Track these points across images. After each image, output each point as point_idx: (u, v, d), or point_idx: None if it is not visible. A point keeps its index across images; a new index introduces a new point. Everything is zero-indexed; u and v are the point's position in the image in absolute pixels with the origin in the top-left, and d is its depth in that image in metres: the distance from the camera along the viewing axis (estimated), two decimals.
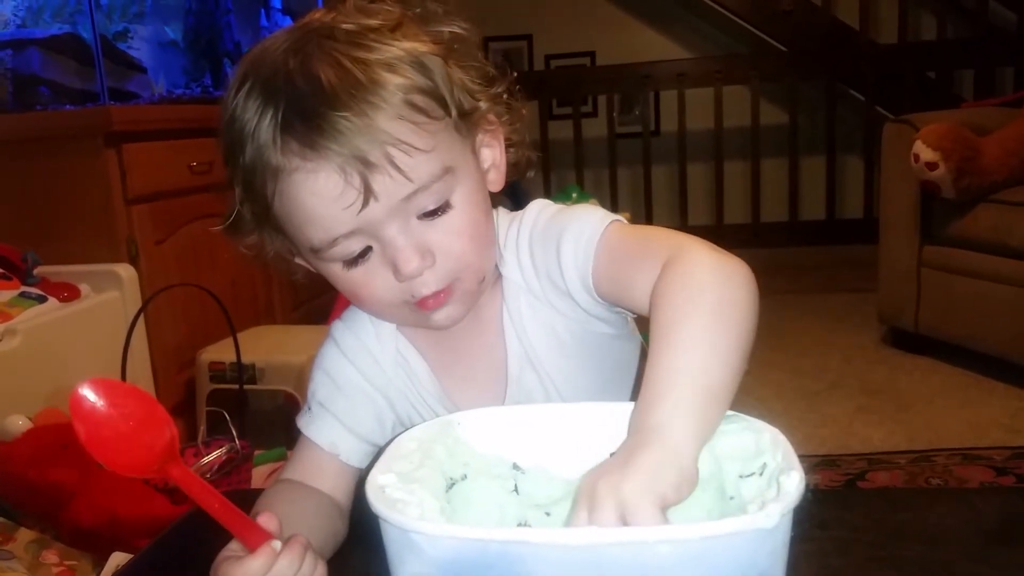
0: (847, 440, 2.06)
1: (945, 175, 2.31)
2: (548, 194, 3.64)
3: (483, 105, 0.68)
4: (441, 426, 0.55)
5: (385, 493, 0.45)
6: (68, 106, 2.16)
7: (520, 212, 0.75)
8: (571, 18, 4.41)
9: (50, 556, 1.39)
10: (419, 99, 0.62)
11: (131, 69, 2.33)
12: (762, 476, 0.46)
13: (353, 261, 0.65)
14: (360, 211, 0.61)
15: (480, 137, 0.70)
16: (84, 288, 1.97)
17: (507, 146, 0.74)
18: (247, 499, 0.87)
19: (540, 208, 0.74)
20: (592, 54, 4.40)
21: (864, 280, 2.99)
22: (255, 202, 0.66)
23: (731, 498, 0.48)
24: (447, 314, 0.69)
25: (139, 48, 2.35)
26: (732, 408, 0.51)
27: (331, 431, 0.74)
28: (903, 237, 2.57)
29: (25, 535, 1.41)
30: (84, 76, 2.18)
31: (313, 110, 0.60)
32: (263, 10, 3.06)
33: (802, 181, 3.96)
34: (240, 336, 2.10)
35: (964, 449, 1.95)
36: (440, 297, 0.67)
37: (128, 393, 0.49)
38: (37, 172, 2.10)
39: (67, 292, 1.92)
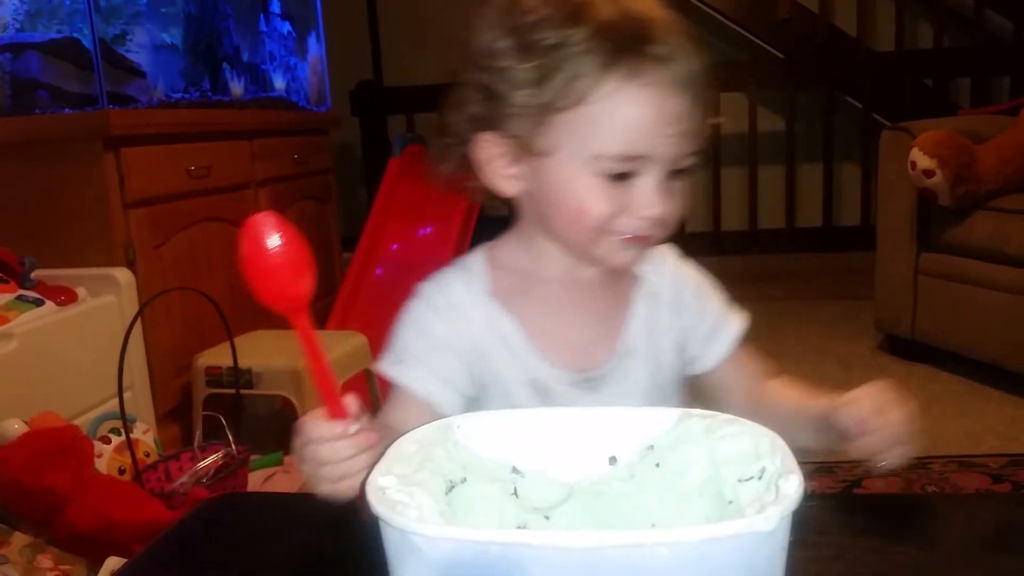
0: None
1: (942, 182, 2.32)
2: None
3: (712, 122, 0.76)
4: (441, 429, 0.55)
5: (385, 495, 0.45)
6: (67, 110, 2.16)
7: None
8: None
9: (45, 560, 1.39)
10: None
11: (130, 73, 2.32)
12: (761, 480, 0.46)
13: (614, 179, 0.71)
14: (673, 144, 0.70)
15: None
16: (81, 292, 1.97)
17: None
18: (245, 503, 0.87)
19: (681, 255, 0.86)
20: None
21: (861, 287, 2.99)
22: (559, 96, 0.69)
23: (730, 502, 0.48)
24: (635, 256, 0.76)
25: (138, 52, 2.34)
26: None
27: (426, 382, 0.77)
28: (900, 244, 2.58)
29: (20, 539, 1.41)
30: (83, 80, 2.17)
31: (676, 40, 0.70)
32: (262, 15, 3.07)
33: (799, 188, 3.97)
34: (237, 341, 2.10)
35: (960, 456, 1.95)
36: (640, 240, 0.74)
37: (293, 237, 0.54)
38: (35, 176, 2.09)
39: (64, 296, 1.91)
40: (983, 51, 3.76)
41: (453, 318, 0.78)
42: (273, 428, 2.24)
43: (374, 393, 2.44)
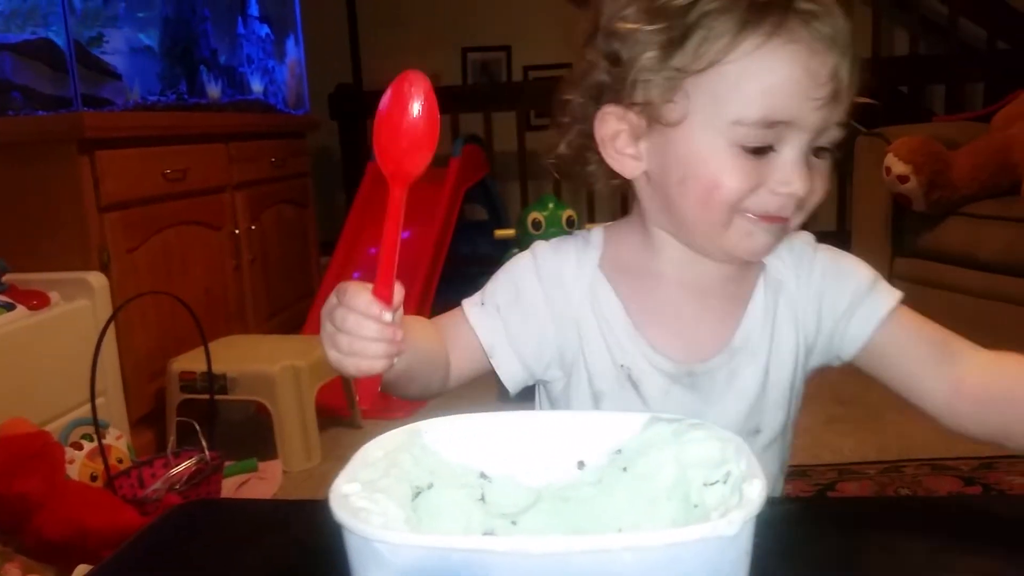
0: (818, 450, 2.07)
1: (916, 188, 2.34)
2: (525, 203, 3.65)
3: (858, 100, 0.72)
4: (408, 434, 0.55)
5: (349, 502, 0.45)
6: (40, 112, 2.14)
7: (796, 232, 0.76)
8: (549, 30, 4.43)
9: (13, 570, 1.37)
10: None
11: (105, 75, 2.30)
12: (726, 484, 0.46)
13: (752, 151, 0.66)
14: (820, 107, 0.64)
15: None
16: (54, 296, 1.95)
17: None
18: (216, 509, 0.86)
19: (814, 239, 0.79)
20: (570, 66, 4.43)
21: None
22: (695, 57, 0.65)
23: (696, 506, 0.48)
24: (770, 242, 0.70)
25: (113, 55, 2.32)
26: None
27: (495, 335, 0.76)
28: (875, 249, 2.60)
29: None
30: (57, 82, 2.15)
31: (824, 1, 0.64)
32: (240, 17, 3.05)
33: None
34: (212, 346, 2.08)
35: (933, 459, 1.97)
36: (775, 220, 0.69)
37: (433, 111, 0.55)
38: (8, 178, 2.07)
39: (36, 300, 1.89)
40: (957, 59, 3.80)
41: (554, 284, 0.76)
42: (248, 434, 2.23)
43: (351, 398, 2.43)
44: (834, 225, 3.93)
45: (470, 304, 0.78)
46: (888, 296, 0.75)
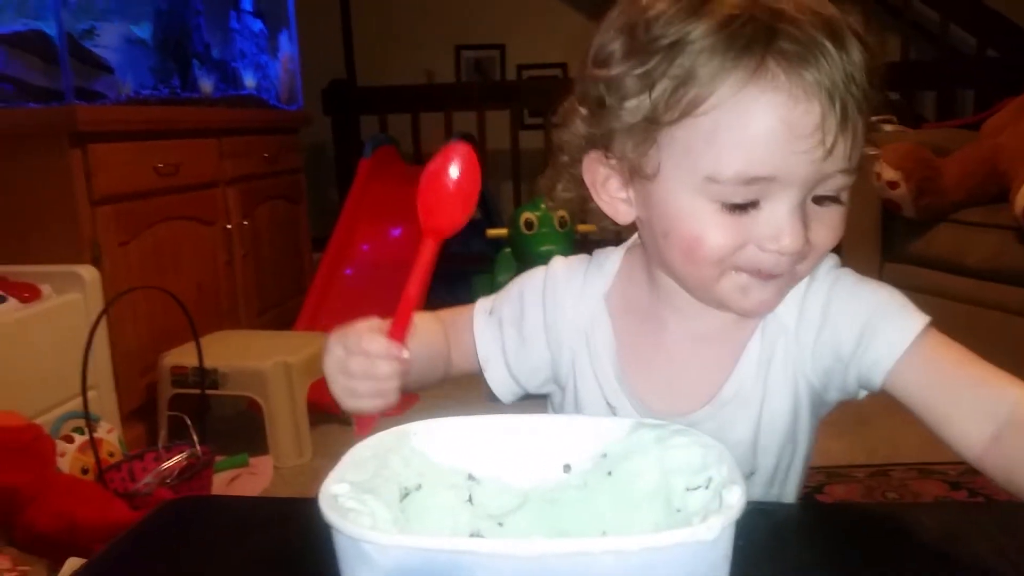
0: None
1: (906, 194, 2.36)
2: (517, 203, 3.65)
3: (887, 127, 0.65)
4: (398, 436, 0.56)
5: (338, 502, 0.46)
6: (32, 104, 2.14)
7: None
8: (544, 29, 4.44)
9: (3, 561, 1.37)
10: (870, 80, 0.59)
11: (98, 69, 2.30)
12: (708, 489, 0.47)
13: (734, 208, 0.60)
14: (807, 162, 0.57)
15: None
16: (45, 289, 1.95)
17: None
18: (208, 506, 0.87)
19: (836, 264, 0.71)
20: (564, 66, 4.43)
21: None
22: (667, 107, 0.59)
23: (678, 510, 0.49)
24: (769, 299, 0.65)
25: (106, 48, 2.32)
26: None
27: (492, 348, 0.76)
28: (864, 254, 2.62)
29: None
30: (49, 74, 2.15)
31: (811, 38, 0.56)
32: (233, 12, 3.05)
33: None
34: (203, 341, 2.09)
35: (920, 464, 1.99)
36: (770, 277, 0.63)
37: (474, 177, 0.58)
38: None
39: (28, 292, 1.89)
40: (948, 65, 3.82)
41: (556, 311, 0.74)
42: (239, 429, 2.23)
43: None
44: None
45: (480, 308, 0.78)
46: (912, 323, 0.66)
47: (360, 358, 0.61)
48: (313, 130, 3.62)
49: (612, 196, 0.69)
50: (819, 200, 0.62)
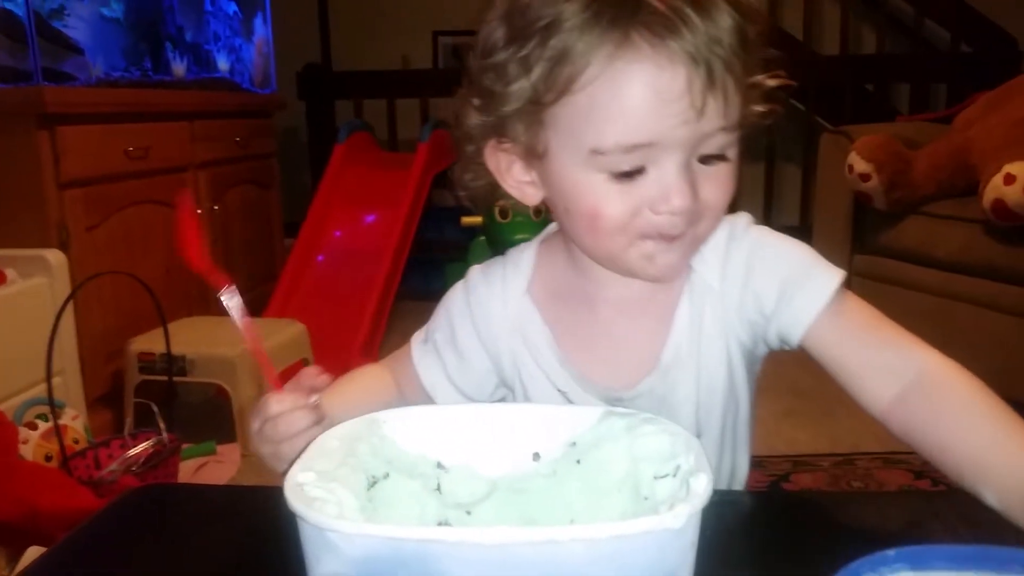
0: (774, 442, 2.11)
1: (877, 186, 2.38)
2: None
3: (770, 83, 0.68)
4: (367, 424, 0.55)
5: (304, 491, 0.45)
6: None
7: (728, 218, 0.72)
8: None
9: None
10: (743, 41, 0.62)
11: (67, 49, 2.26)
12: (676, 477, 0.47)
13: (622, 175, 0.63)
14: (680, 124, 0.60)
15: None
16: (10, 273, 1.91)
17: None
18: (174, 494, 0.86)
19: (750, 222, 0.73)
20: None
21: None
22: (546, 87, 0.62)
23: (645, 498, 0.49)
24: (674, 261, 0.67)
25: (76, 28, 2.28)
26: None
27: (435, 374, 0.77)
28: (835, 245, 2.64)
29: None
30: (16, 55, 2.11)
31: (673, 8, 0.58)
32: None
33: (741, 187, 4.02)
34: (171, 326, 2.06)
35: (885, 453, 2.02)
36: (677, 238, 0.66)
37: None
38: None
39: None
40: (922, 59, 3.86)
41: (484, 319, 0.76)
42: (206, 416, 2.21)
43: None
44: (797, 220, 3.97)
45: (416, 340, 0.80)
46: (828, 282, 0.68)
47: (272, 423, 0.63)
48: (287, 114, 3.58)
49: (518, 180, 0.71)
50: (705, 160, 0.64)
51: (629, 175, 0.63)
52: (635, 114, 0.60)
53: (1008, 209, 2.05)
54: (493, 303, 0.76)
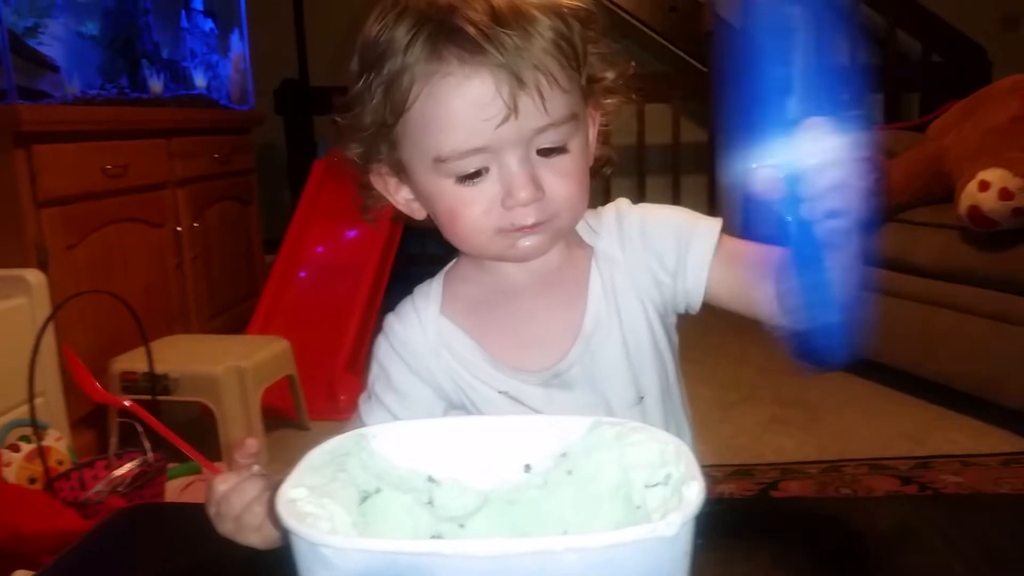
0: (761, 450, 2.12)
1: None
2: None
3: (609, 76, 0.74)
4: (355, 439, 0.55)
5: (296, 507, 0.45)
6: None
7: (610, 203, 0.81)
8: None
9: None
10: (564, 44, 0.67)
11: (43, 67, 2.25)
12: (667, 486, 0.48)
13: (467, 178, 0.68)
14: (498, 125, 0.65)
15: (590, 110, 0.75)
16: None
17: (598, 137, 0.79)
18: (161, 514, 0.85)
19: (627, 202, 0.81)
20: None
21: None
22: (388, 109, 0.68)
23: (638, 507, 0.49)
24: (536, 242, 0.72)
25: (51, 46, 2.27)
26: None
27: (382, 421, 0.77)
28: None
29: None
30: None
31: (479, 21, 0.64)
32: (184, 11, 3.00)
33: (722, 198, 4.06)
34: (154, 345, 2.05)
35: (872, 459, 2.03)
36: (535, 227, 0.70)
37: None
38: None
39: None
40: (894, 69, 3.91)
41: (410, 355, 0.78)
42: (191, 435, 2.19)
43: (297, 399, 2.40)
44: None
45: (361, 400, 0.82)
46: (709, 232, 0.76)
47: (224, 499, 0.65)
48: (265, 130, 3.57)
49: (405, 199, 0.77)
50: (546, 153, 0.69)
51: (473, 176, 0.68)
52: (458, 121, 0.66)
53: (984, 215, 2.08)
54: (413, 335, 0.79)
